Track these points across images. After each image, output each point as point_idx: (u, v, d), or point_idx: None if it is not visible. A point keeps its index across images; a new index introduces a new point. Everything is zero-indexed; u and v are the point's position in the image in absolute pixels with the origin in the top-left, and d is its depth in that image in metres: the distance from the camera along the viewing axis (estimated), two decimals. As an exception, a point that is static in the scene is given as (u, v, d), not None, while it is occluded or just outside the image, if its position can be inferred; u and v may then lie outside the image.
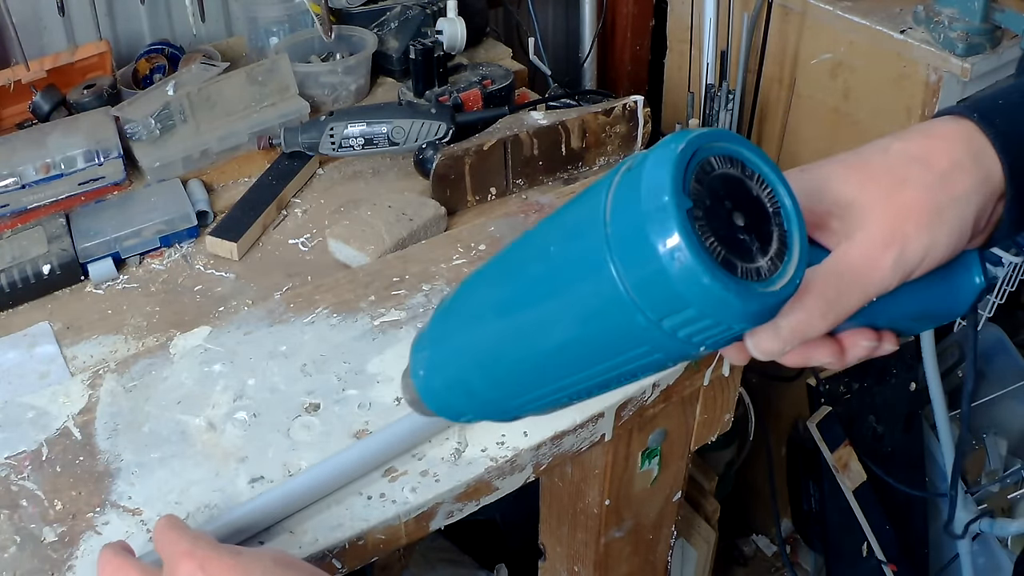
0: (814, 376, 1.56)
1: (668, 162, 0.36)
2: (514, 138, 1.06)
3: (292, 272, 0.99)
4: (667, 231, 0.35)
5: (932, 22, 1.29)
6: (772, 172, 0.40)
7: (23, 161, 1.06)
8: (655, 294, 0.36)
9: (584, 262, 0.38)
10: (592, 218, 0.38)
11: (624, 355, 0.40)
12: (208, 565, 0.54)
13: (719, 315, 0.36)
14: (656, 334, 0.37)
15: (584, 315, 0.39)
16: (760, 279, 0.38)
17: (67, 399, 0.80)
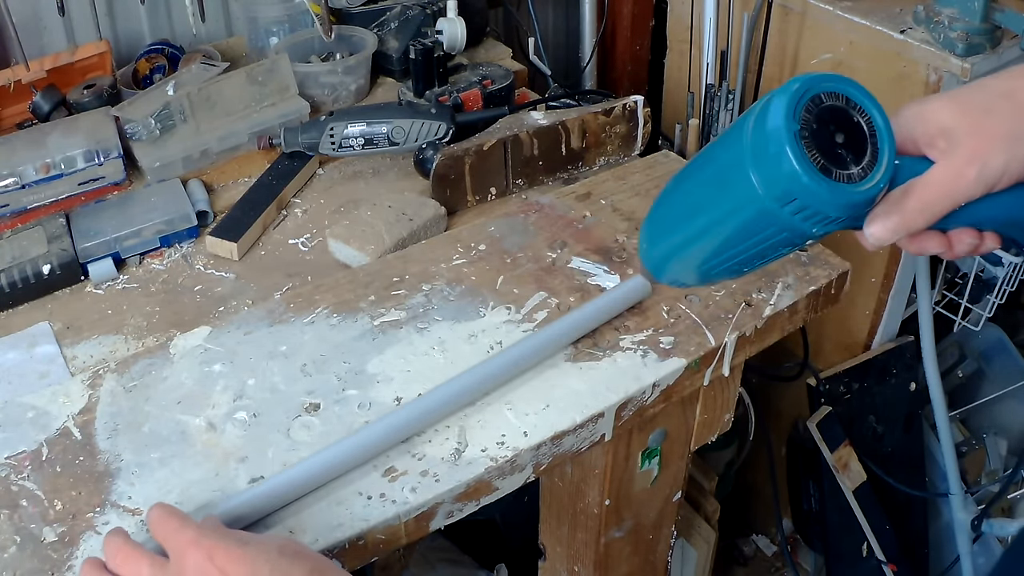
0: (814, 376, 1.56)
1: (785, 96, 0.51)
2: (514, 138, 1.06)
3: (292, 272, 0.99)
4: (780, 145, 0.51)
5: (932, 22, 1.29)
6: (870, 103, 0.54)
7: (23, 161, 1.06)
8: (776, 189, 0.52)
9: (735, 167, 0.54)
10: (739, 136, 0.54)
11: (765, 233, 0.55)
12: (216, 555, 0.55)
13: (819, 206, 0.52)
14: (782, 218, 0.53)
15: (737, 204, 0.55)
16: (852, 181, 0.52)
17: (67, 399, 0.80)
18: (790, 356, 1.57)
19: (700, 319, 0.87)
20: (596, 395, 0.79)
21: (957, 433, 1.73)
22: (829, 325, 1.60)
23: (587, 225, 1.00)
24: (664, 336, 0.85)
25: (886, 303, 1.51)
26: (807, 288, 0.91)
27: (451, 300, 0.90)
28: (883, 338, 1.56)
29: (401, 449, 0.75)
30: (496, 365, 0.79)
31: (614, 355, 0.83)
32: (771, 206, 0.53)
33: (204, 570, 0.55)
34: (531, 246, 0.97)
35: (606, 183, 1.07)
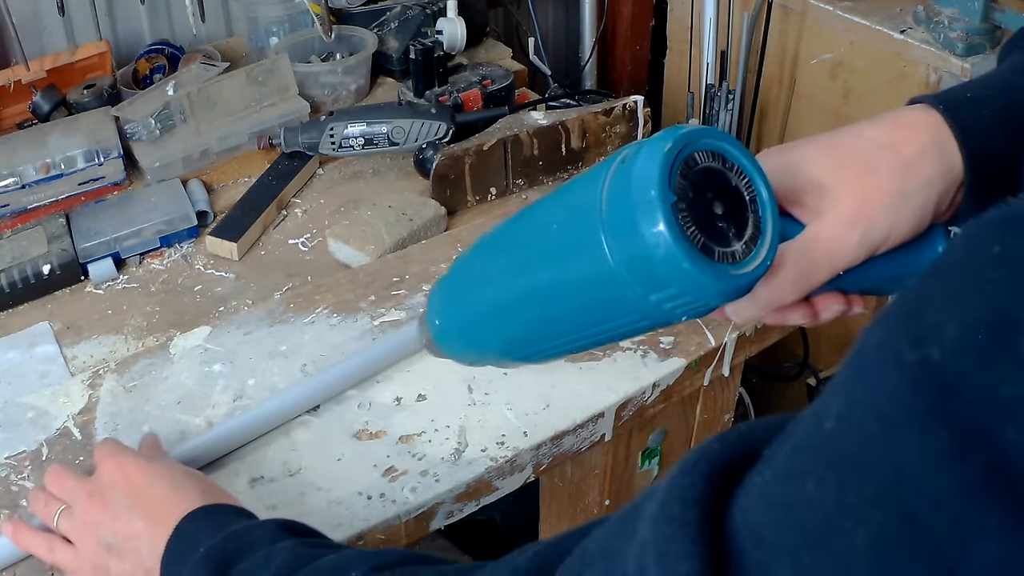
0: (814, 376, 1.56)
1: (657, 159, 0.42)
2: (514, 138, 1.06)
3: (292, 272, 0.99)
4: (653, 222, 0.41)
5: (932, 22, 1.29)
6: (750, 165, 0.45)
7: (23, 161, 1.06)
8: (643, 274, 0.42)
9: (583, 243, 0.44)
10: (590, 203, 0.44)
11: (617, 321, 0.46)
12: (124, 465, 0.64)
13: (698, 293, 0.43)
14: (644, 305, 0.44)
15: (582, 287, 0.45)
16: (735, 262, 0.43)
17: (67, 399, 0.80)
18: (790, 356, 1.57)
19: (700, 319, 0.87)
20: (596, 395, 0.79)
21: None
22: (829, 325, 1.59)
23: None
24: (664, 336, 0.85)
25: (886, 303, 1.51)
26: (807, 288, 0.91)
27: (451, 300, 0.90)
28: (883, 338, 1.56)
29: (401, 449, 0.75)
30: None
31: (614, 355, 0.83)
32: (631, 293, 0.43)
33: (112, 477, 0.63)
34: (531, 246, 0.97)
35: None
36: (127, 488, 0.63)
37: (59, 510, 0.65)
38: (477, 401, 0.79)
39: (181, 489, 0.62)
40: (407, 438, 0.76)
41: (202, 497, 0.62)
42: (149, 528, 0.60)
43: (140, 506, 0.61)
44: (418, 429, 0.76)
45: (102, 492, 0.63)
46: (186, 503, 0.60)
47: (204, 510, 0.60)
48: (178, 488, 0.62)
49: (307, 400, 0.77)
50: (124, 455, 0.65)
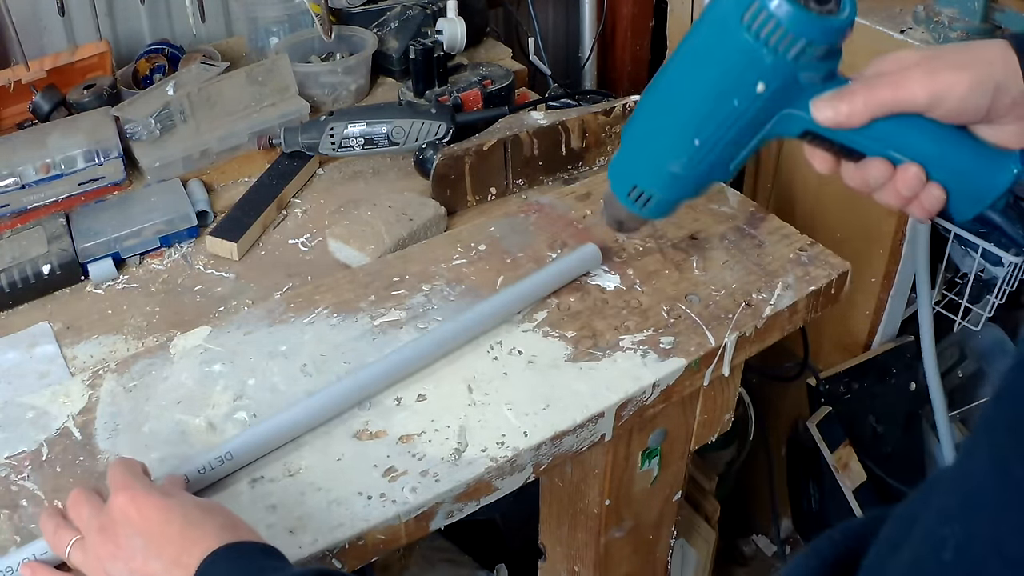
0: (814, 376, 1.56)
1: None
2: (514, 138, 1.06)
3: (292, 272, 0.99)
4: None
5: (932, 22, 1.29)
6: None
7: (23, 161, 1.06)
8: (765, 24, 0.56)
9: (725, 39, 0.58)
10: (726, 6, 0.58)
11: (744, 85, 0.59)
12: (137, 499, 0.61)
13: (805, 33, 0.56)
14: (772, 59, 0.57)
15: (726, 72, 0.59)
16: (830, 13, 0.57)
17: (67, 399, 0.80)
18: (790, 356, 1.57)
19: (700, 319, 0.87)
20: (596, 395, 0.79)
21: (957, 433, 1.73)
22: (829, 325, 1.60)
23: (587, 225, 1.00)
24: (664, 336, 0.85)
25: (886, 303, 1.51)
26: (807, 288, 0.91)
27: (451, 300, 0.90)
28: (883, 338, 1.56)
29: (401, 449, 0.75)
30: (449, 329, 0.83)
31: (614, 355, 0.83)
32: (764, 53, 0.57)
33: (125, 512, 0.61)
34: (531, 246, 0.97)
35: (606, 183, 1.07)
36: (141, 525, 0.60)
37: (72, 541, 0.63)
38: (477, 401, 0.79)
39: (198, 527, 0.60)
40: (407, 438, 0.76)
41: (221, 535, 0.59)
42: (166, 569, 0.58)
43: (155, 546, 0.59)
44: (418, 429, 0.76)
45: (115, 527, 0.61)
46: (205, 542, 0.58)
47: (226, 549, 0.58)
48: (195, 526, 0.60)
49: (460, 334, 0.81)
50: (137, 488, 0.62)
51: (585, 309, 0.88)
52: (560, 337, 0.85)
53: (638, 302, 0.89)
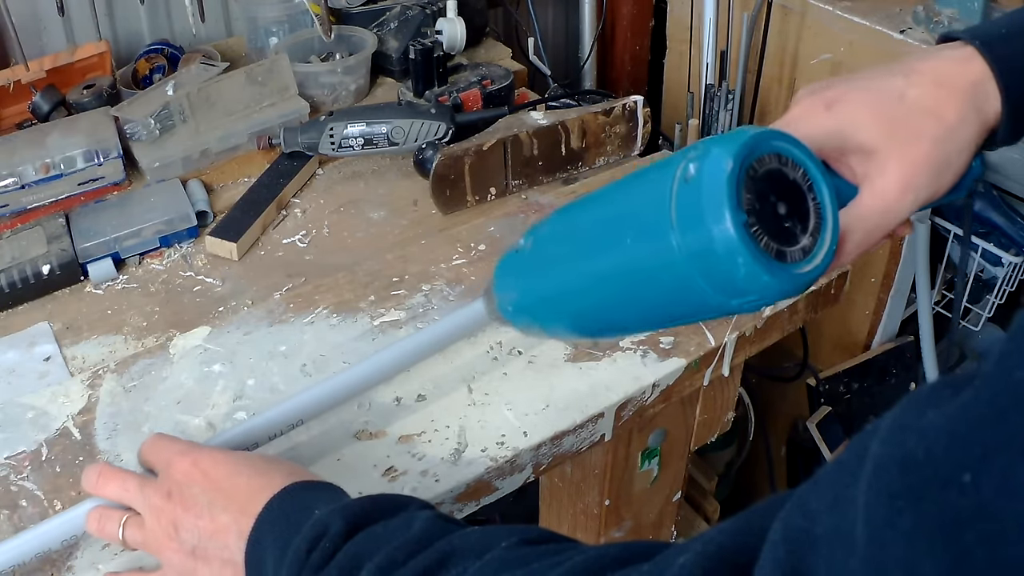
0: (814, 376, 1.56)
1: (723, 181, 0.43)
2: (514, 138, 1.06)
3: (292, 272, 0.99)
4: (732, 248, 0.43)
5: (932, 22, 1.29)
6: (803, 155, 0.48)
7: (23, 161, 1.06)
8: (727, 288, 0.45)
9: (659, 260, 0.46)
10: (660, 221, 0.45)
11: (693, 317, 0.50)
12: (200, 460, 0.60)
13: (775, 296, 0.45)
14: (725, 306, 0.46)
15: (660, 293, 0.47)
16: (804, 257, 0.46)
17: (67, 399, 0.80)
18: (790, 356, 1.57)
19: (700, 319, 0.87)
20: (596, 395, 0.79)
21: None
22: (829, 325, 1.60)
23: (587, 225, 1.00)
24: (664, 336, 0.85)
25: (886, 303, 1.51)
26: (807, 288, 0.91)
27: (451, 300, 0.90)
28: (883, 338, 1.56)
29: (401, 449, 0.75)
30: None
31: (614, 355, 0.83)
32: (713, 301, 0.46)
33: (189, 474, 0.59)
34: (531, 246, 0.97)
35: (606, 183, 1.07)
36: (207, 483, 0.58)
37: (123, 520, 0.62)
38: (477, 401, 0.79)
39: (265, 475, 0.58)
40: (407, 438, 0.76)
41: (286, 480, 0.58)
42: (236, 519, 0.56)
43: (223, 499, 0.58)
44: (418, 429, 0.76)
45: (180, 490, 0.59)
46: (271, 488, 0.57)
47: (301, 485, 0.57)
48: (261, 474, 0.58)
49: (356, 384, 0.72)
50: (197, 450, 0.61)
51: (585, 309, 0.88)
52: (560, 337, 0.85)
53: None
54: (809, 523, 0.34)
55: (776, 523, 0.35)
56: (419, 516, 0.52)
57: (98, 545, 0.68)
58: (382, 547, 0.50)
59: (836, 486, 0.33)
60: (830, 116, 0.56)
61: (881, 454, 0.31)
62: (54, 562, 0.66)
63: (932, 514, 0.29)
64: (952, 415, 0.30)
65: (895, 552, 0.29)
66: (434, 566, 0.48)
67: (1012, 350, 0.30)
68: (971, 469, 0.28)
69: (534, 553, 0.47)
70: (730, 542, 0.38)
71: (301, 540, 0.52)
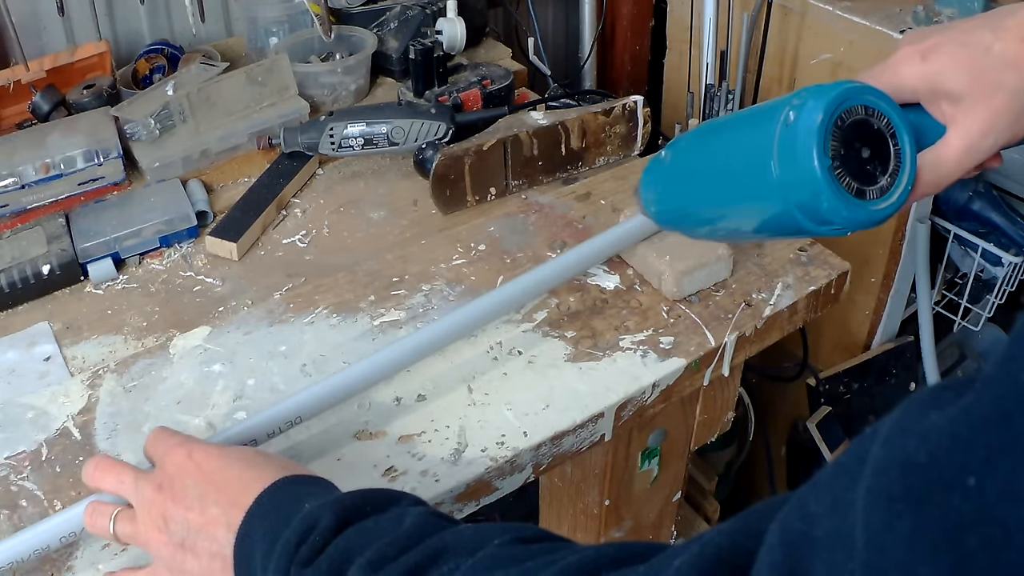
0: (814, 376, 1.56)
1: (813, 133, 0.53)
2: (514, 138, 1.06)
3: (292, 272, 0.99)
4: (817, 186, 0.53)
5: (932, 22, 1.29)
6: (889, 109, 0.56)
7: (23, 161, 1.06)
8: (814, 217, 0.54)
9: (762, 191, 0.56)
10: (766, 161, 0.55)
11: (794, 234, 0.58)
12: (194, 453, 0.61)
13: (857, 226, 0.55)
14: (816, 231, 0.56)
15: (770, 220, 0.57)
16: (883, 195, 0.55)
17: (67, 399, 0.80)
18: (790, 356, 1.57)
19: (700, 319, 0.87)
20: (596, 395, 0.79)
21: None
22: (829, 325, 1.60)
23: (587, 225, 1.00)
24: (664, 336, 0.85)
25: (886, 303, 1.51)
26: (807, 288, 0.91)
27: (451, 300, 0.90)
28: (883, 338, 1.56)
29: (401, 449, 0.75)
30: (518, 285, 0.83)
31: (614, 355, 0.83)
32: (809, 226, 0.55)
33: (183, 466, 0.60)
34: (531, 246, 0.97)
35: (606, 183, 1.07)
36: (199, 475, 0.59)
37: (113, 514, 0.62)
38: (477, 401, 0.79)
39: (256, 468, 0.59)
40: (407, 438, 0.76)
41: (277, 474, 0.58)
42: (226, 512, 0.56)
43: (214, 491, 0.58)
44: (418, 429, 0.76)
45: (172, 482, 0.59)
46: (262, 481, 0.57)
47: (281, 482, 0.57)
48: (253, 467, 0.59)
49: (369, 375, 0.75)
50: (193, 443, 0.62)
51: (585, 309, 0.88)
52: (560, 337, 0.85)
53: (638, 302, 0.89)
54: (808, 526, 0.33)
55: (774, 525, 0.35)
56: (411, 512, 0.52)
57: (98, 545, 0.68)
58: (373, 542, 0.50)
59: (835, 489, 0.33)
60: (925, 64, 0.60)
61: (881, 457, 0.31)
62: (54, 562, 0.66)
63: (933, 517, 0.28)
64: (955, 417, 0.30)
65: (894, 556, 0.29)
66: (425, 562, 0.48)
67: (1016, 353, 0.30)
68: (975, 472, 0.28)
69: (528, 551, 0.47)
70: (728, 544, 0.38)
71: (291, 533, 0.52)
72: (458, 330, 0.79)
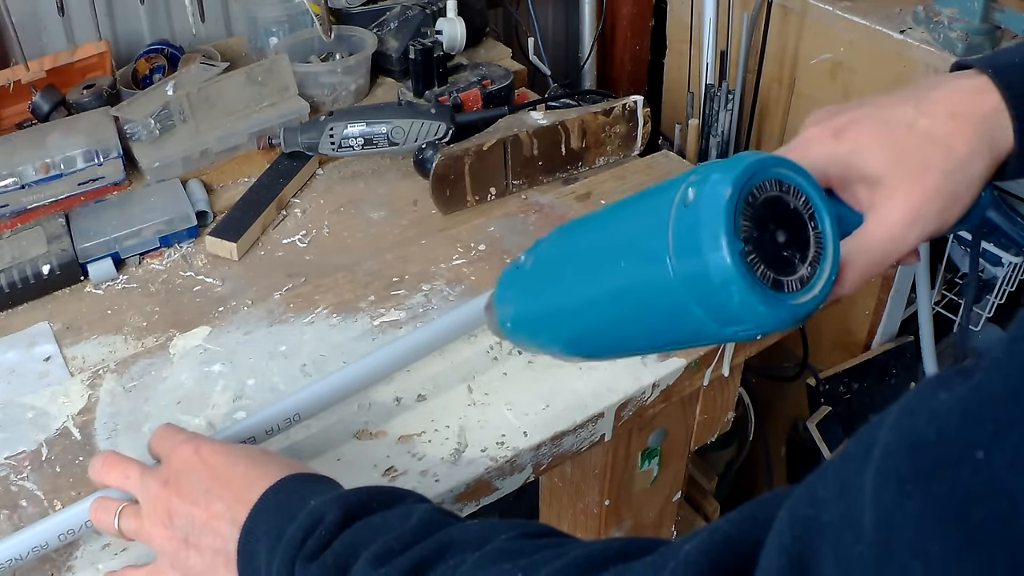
0: (814, 376, 1.56)
1: (720, 208, 0.43)
2: (514, 138, 1.06)
3: (292, 272, 0.99)
4: (726, 276, 0.43)
5: (932, 22, 1.29)
6: (807, 184, 0.47)
7: (23, 161, 1.06)
8: (721, 316, 0.44)
9: (655, 282, 0.46)
10: (657, 246, 0.45)
11: (688, 343, 0.48)
12: (201, 449, 0.61)
13: (771, 326, 0.45)
14: (720, 334, 0.46)
15: (655, 316, 0.47)
16: (802, 287, 0.46)
17: (67, 399, 0.80)
18: (790, 356, 1.57)
19: (700, 319, 0.87)
20: (596, 395, 0.79)
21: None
22: (829, 325, 1.60)
23: (587, 225, 1.00)
24: (664, 336, 0.85)
25: (886, 303, 1.51)
26: (807, 288, 0.91)
27: (451, 300, 0.90)
28: (883, 338, 1.56)
29: (400, 449, 0.75)
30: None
31: (614, 355, 0.83)
32: (709, 328, 0.46)
33: (189, 462, 0.60)
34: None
35: (606, 183, 1.07)
36: (205, 471, 0.59)
37: (118, 510, 0.62)
38: (477, 401, 0.79)
39: (262, 466, 0.59)
40: (407, 438, 0.76)
41: (282, 471, 0.58)
42: (230, 507, 0.56)
43: (218, 488, 0.58)
44: (418, 429, 0.76)
45: (177, 478, 0.59)
46: (267, 479, 0.57)
47: (298, 477, 0.57)
48: (259, 465, 0.59)
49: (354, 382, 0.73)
50: (200, 439, 0.62)
51: (585, 309, 0.88)
52: (560, 337, 0.85)
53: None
54: (816, 511, 0.33)
55: (782, 512, 0.35)
56: (417, 508, 0.52)
57: (98, 544, 0.68)
58: (379, 537, 0.50)
59: (843, 474, 0.33)
60: (838, 143, 0.55)
61: (890, 440, 0.31)
62: (54, 561, 0.66)
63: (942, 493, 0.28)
64: (964, 396, 0.30)
65: (904, 535, 0.29)
66: (432, 556, 0.48)
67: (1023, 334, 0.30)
68: (983, 446, 0.28)
69: (534, 546, 0.47)
70: (736, 531, 0.38)
71: (296, 528, 0.52)
72: (457, 330, 0.79)
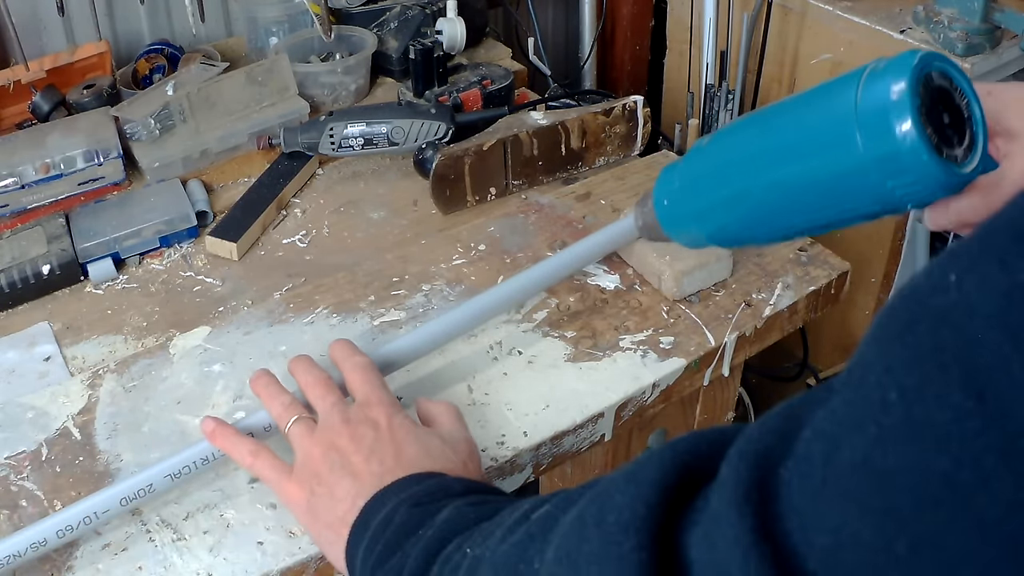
0: (814, 376, 1.56)
1: (907, 72, 0.50)
2: (514, 138, 1.06)
3: (292, 272, 0.99)
4: (903, 120, 0.49)
5: (932, 22, 1.29)
6: (970, 90, 0.54)
7: (23, 161, 1.06)
8: (888, 164, 0.50)
9: (835, 137, 0.52)
10: (844, 104, 0.51)
11: (852, 204, 0.54)
12: (395, 418, 0.65)
13: (927, 183, 0.50)
14: (881, 191, 0.51)
15: (828, 175, 0.53)
16: (956, 163, 0.51)
17: (67, 399, 0.80)
18: (790, 356, 1.57)
19: (700, 319, 0.87)
20: (596, 395, 0.79)
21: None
22: (829, 325, 1.60)
23: (587, 225, 1.00)
24: (664, 336, 0.85)
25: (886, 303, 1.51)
26: (807, 288, 0.91)
27: (451, 300, 0.90)
28: (883, 338, 1.56)
29: (401, 449, 0.75)
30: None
31: (614, 355, 0.83)
32: (875, 180, 0.51)
33: (378, 421, 0.65)
34: (531, 246, 0.97)
35: (606, 183, 1.07)
36: (386, 436, 0.64)
37: (300, 416, 0.67)
38: (477, 401, 0.79)
39: (432, 459, 0.63)
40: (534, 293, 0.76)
41: (445, 467, 0.62)
42: (380, 476, 0.61)
43: (386, 454, 0.62)
44: (418, 429, 0.76)
45: (360, 425, 0.64)
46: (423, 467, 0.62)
47: (423, 475, 0.61)
48: (430, 457, 0.63)
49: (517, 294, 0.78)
50: (399, 411, 0.66)
51: (585, 309, 0.88)
52: (560, 337, 0.85)
53: (638, 302, 0.89)
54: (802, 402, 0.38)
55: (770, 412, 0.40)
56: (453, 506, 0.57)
57: (98, 544, 0.68)
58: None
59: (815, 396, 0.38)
60: (988, 97, 0.60)
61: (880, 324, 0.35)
62: (54, 561, 0.66)
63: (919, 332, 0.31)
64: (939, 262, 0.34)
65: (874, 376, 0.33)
66: None
67: None
68: (955, 271, 0.31)
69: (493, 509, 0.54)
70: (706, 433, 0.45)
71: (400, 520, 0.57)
72: (457, 328, 0.79)
